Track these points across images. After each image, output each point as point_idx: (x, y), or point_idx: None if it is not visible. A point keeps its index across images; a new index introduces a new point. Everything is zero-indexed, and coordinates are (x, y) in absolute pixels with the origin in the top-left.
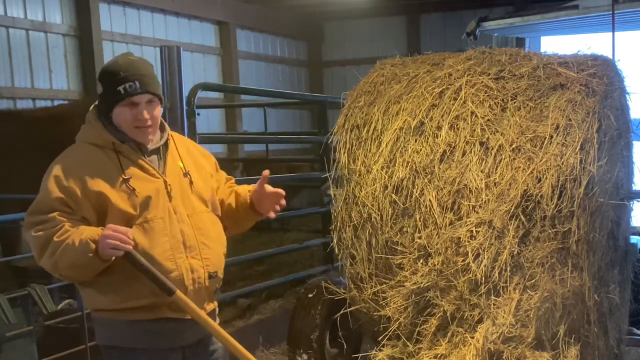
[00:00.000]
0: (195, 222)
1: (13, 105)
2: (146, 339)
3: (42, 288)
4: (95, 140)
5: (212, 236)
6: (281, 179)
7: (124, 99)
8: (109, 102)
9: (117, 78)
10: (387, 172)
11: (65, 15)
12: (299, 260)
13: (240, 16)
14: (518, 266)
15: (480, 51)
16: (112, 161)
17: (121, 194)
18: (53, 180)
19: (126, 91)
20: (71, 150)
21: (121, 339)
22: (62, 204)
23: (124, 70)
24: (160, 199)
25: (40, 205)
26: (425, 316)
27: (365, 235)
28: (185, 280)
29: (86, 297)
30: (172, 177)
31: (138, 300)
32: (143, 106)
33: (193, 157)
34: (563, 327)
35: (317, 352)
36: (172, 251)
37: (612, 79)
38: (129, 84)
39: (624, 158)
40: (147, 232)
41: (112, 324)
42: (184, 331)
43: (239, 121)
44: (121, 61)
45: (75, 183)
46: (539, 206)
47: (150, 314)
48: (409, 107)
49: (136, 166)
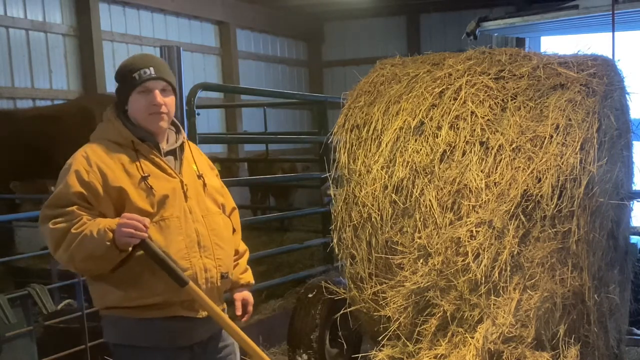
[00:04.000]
0: (209, 223)
1: (13, 105)
2: (157, 337)
3: (42, 288)
4: (115, 138)
5: (225, 237)
6: (281, 179)
7: (139, 84)
8: (124, 92)
9: (132, 67)
10: (387, 172)
11: (65, 15)
12: (299, 260)
13: (240, 16)
14: (518, 266)
15: (480, 51)
16: (131, 159)
17: (139, 191)
18: (74, 174)
19: (140, 77)
20: (91, 146)
21: (131, 337)
22: (82, 199)
23: (138, 60)
24: (177, 198)
25: (59, 199)
26: (425, 316)
27: (365, 235)
28: (199, 279)
29: (97, 294)
30: (187, 178)
31: (151, 298)
32: (157, 92)
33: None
34: (563, 327)
35: (317, 352)
36: (187, 250)
37: (612, 79)
38: (143, 70)
39: (624, 158)
40: (163, 230)
41: (122, 322)
42: (194, 329)
43: (239, 121)
44: (136, 55)
45: (96, 178)
46: (539, 206)
47: (163, 312)
48: (409, 107)
49: (154, 165)
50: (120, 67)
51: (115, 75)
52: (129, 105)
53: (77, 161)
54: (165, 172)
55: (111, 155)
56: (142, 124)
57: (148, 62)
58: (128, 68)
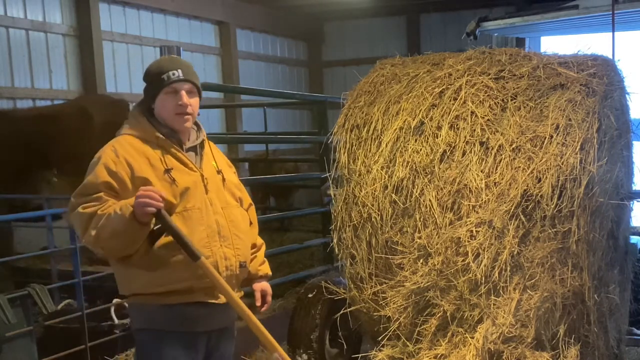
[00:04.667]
0: (228, 215)
1: (13, 105)
2: (177, 322)
3: (42, 288)
4: (140, 134)
5: (243, 229)
6: (281, 179)
7: (168, 85)
8: (152, 92)
9: (161, 69)
10: (387, 172)
11: (65, 15)
12: (299, 260)
13: (240, 16)
14: (518, 266)
15: (480, 51)
16: (155, 153)
17: (163, 183)
18: (102, 166)
19: (169, 78)
20: (118, 140)
21: (153, 322)
22: (109, 188)
23: (167, 62)
24: (198, 190)
25: (88, 188)
26: (425, 316)
27: (365, 235)
28: (219, 267)
29: (124, 280)
30: (207, 172)
31: (177, 284)
32: (184, 93)
33: (223, 161)
34: (563, 327)
35: (317, 352)
36: (208, 239)
37: (612, 79)
38: (172, 72)
39: (624, 158)
40: (186, 220)
41: (145, 307)
42: (213, 316)
43: (239, 121)
44: (164, 58)
45: (123, 169)
46: (539, 206)
47: (186, 298)
48: (409, 107)
49: (176, 159)
50: (150, 69)
51: (144, 76)
52: (155, 104)
53: (105, 154)
54: (186, 166)
55: (137, 149)
56: (168, 123)
57: (176, 65)
58: (157, 70)
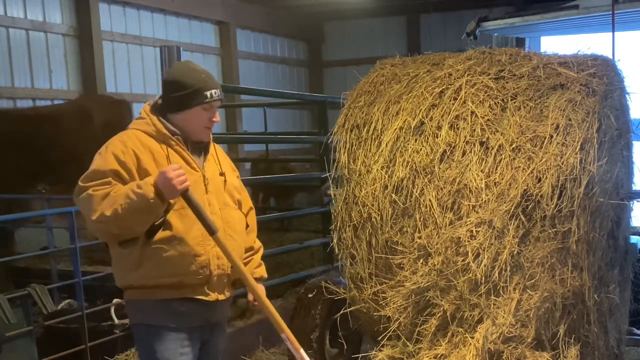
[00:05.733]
0: (225, 216)
1: (13, 105)
2: (166, 316)
3: (42, 288)
4: (148, 130)
5: (238, 231)
6: (282, 179)
7: (209, 102)
8: (187, 102)
9: (205, 85)
10: (387, 172)
11: (65, 15)
12: (299, 260)
13: (240, 16)
14: (518, 266)
15: (480, 51)
16: (160, 149)
17: None
18: (111, 154)
19: (212, 97)
20: (127, 133)
21: (149, 317)
22: (117, 175)
23: (208, 79)
24: (198, 190)
25: (96, 174)
26: (425, 316)
27: (365, 235)
28: (211, 265)
29: (119, 273)
30: (209, 173)
31: (166, 279)
32: (215, 109)
33: (227, 164)
34: (563, 327)
35: (317, 352)
36: (203, 238)
37: (612, 79)
38: (214, 91)
39: (624, 158)
40: (183, 218)
41: (141, 303)
42: (206, 312)
43: (239, 121)
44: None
45: (131, 159)
46: (539, 206)
47: (174, 293)
48: (409, 107)
49: (181, 158)
50: (190, 80)
51: (174, 84)
52: (184, 113)
53: (113, 144)
54: (189, 165)
55: (143, 143)
56: (193, 132)
57: (215, 84)
58: (196, 83)
